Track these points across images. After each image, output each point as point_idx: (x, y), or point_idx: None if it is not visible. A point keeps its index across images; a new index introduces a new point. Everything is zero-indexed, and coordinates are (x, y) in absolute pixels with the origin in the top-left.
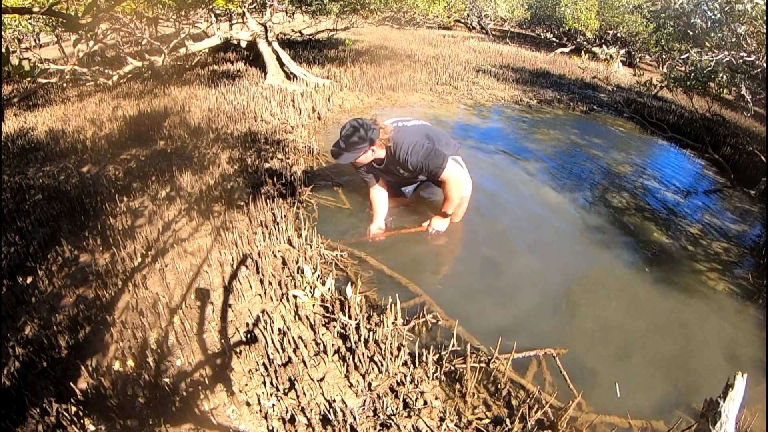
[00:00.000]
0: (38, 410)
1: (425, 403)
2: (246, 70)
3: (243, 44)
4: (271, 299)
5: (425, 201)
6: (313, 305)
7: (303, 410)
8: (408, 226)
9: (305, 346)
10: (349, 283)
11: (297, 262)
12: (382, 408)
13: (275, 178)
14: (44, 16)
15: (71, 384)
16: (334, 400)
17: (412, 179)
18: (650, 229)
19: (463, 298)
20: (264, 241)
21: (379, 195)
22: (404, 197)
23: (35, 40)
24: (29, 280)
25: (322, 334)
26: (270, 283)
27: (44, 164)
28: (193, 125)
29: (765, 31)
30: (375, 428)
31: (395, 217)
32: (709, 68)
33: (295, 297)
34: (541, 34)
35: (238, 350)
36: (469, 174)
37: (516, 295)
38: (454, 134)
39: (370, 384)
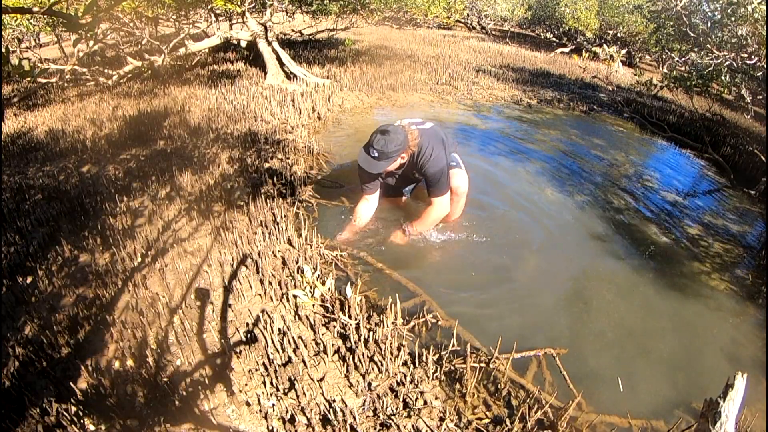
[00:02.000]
0: (38, 410)
1: (425, 403)
2: (246, 70)
3: (243, 44)
4: (271, 299)
5: (421, 199)
6: (313, 305)
7: (303, 410)
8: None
9: (305, 346)
10: (349, 283)
11: (297, 262)
12: (382, 408)
13: (275, 178)
14: (44, 16)
15: (71, 384)
16: (334, 400)
17: (418, 180)
18: (650, 230)
19: (463, 297)
20: (264, 241)
21: (367, 208)
22: (403, 197)
23: (35, 40)
24: (29, 280)
25: (322, 334)
26: (270, 283)
27: (44, 164)
28: (193, 125)
29: (765, 33)
30: (375, 428)
31: (389, 216)
32: (710, 68)
33: (295, 297)
34: (541, 34)
35: (238, 350)
36: (466, 171)
37: (516, 295)
38: (454, 134)
39: (370, 384)
